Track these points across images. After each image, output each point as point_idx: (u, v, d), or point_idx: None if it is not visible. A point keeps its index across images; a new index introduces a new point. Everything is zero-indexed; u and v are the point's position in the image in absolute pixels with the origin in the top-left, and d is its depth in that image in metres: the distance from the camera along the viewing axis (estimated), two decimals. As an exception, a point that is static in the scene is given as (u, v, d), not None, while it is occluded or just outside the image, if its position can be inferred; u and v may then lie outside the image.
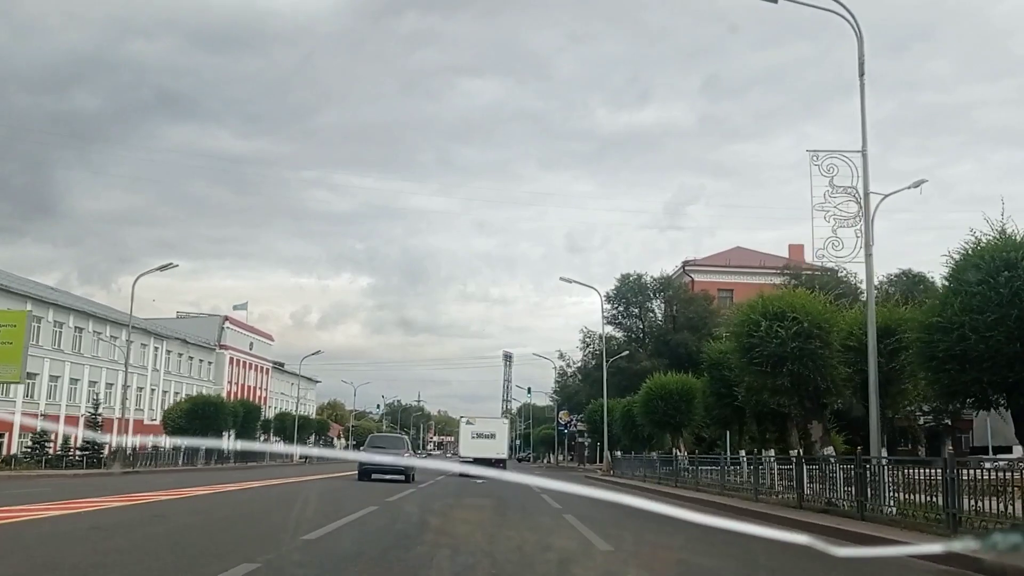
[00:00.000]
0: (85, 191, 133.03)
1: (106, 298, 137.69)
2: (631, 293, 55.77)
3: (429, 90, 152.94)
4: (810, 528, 11.27)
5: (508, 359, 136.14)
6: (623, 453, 45.40)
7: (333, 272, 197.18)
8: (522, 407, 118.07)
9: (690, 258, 65.61)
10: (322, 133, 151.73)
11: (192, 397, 48.87)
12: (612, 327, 56.56)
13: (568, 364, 66.50)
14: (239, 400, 56.82)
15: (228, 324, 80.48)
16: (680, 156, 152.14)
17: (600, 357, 58.84)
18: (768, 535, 2.48)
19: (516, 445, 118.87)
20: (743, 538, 11.14)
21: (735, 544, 9.03)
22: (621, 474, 37.25)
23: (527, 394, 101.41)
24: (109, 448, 38.49)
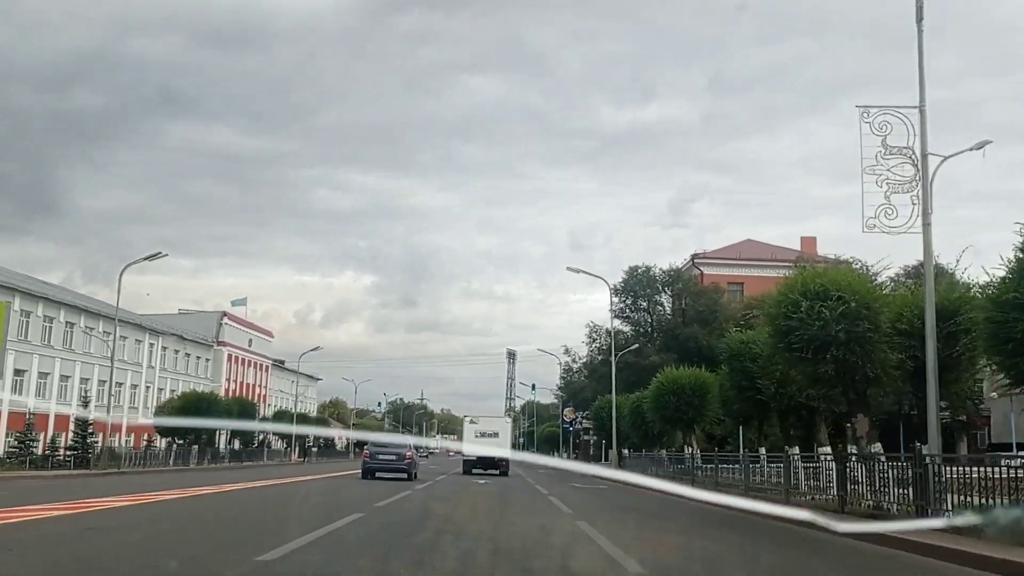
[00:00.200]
0: (87, 189, 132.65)
1: (109, 296, 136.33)
2: (639, 286, 54.01)
3: (431, 88, 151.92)
4: (928, 550, 9.17)
5: (512, 357, 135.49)
6: (631, 451, 43.72)
7: (336, 270, 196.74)
8: (526, 404, 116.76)
9: (699, 251, 63.74)
10: (324, 131, 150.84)
11: (185, 394, 47.20)
12: (620, 321, 54.85)
13: (573, 360, 64.77)
14: (234, 397, 55.14)
15: (226, 320, 78.88)
16: (683, 153, 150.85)
17: (607, 352, 57.11)
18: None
19: (520, 443, 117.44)
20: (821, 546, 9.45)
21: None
22: (630, 472, 35.50)
23: (531, 391, 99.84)
24: (98, 448, 37.16)
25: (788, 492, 15.67)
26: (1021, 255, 10.37)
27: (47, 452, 39.66)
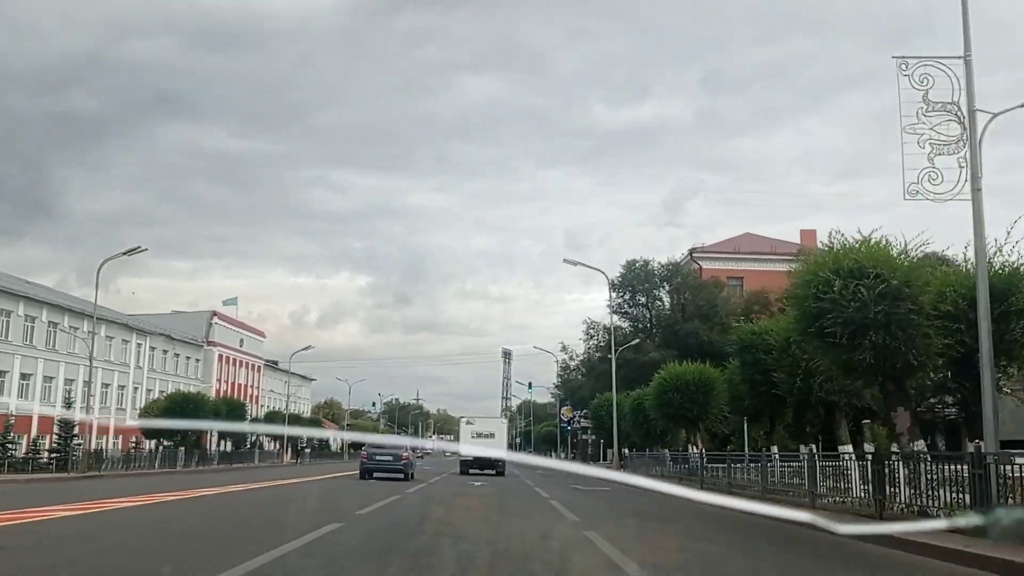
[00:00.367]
0: (84, 192, 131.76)
1: (104, 299, 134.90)
2: (637, 281, 52.69)
3: (427, 88, 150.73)
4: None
5: (507, 356, 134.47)
6: (633, 450, 42.43)
7: (332, 271, 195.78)
8: (522, 404, 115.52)
9: (697, 245, 62.41)
10: (320, 132, 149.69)
11: (171, 394, 45.71)
12: (618, 317, 53.52)
13: (571, 357, 63.38)
14: (222, 397, 53.64)
15: (217, 320, 77.30)
16: (679, 152, 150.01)
17: (605, 349, 55.77)
18: None
19: (516, 443, 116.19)
20: None
21: None
22: (632, 473, 34.14)
23: (528, 389, 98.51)
24: (81, 450, 35.80)
25: (813, 496, 14.32)
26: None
27: (28, 455, 38.38)
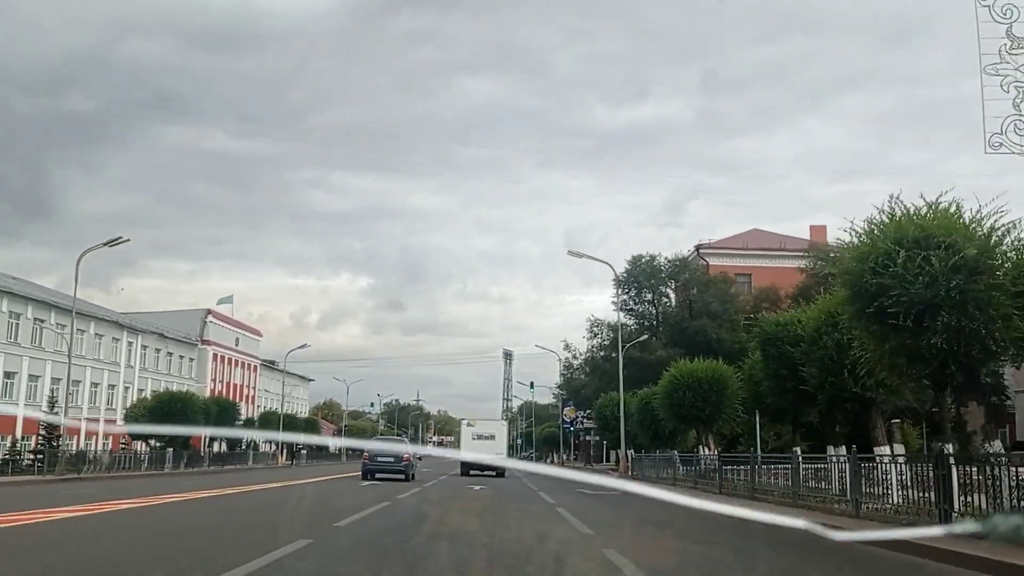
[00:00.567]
0: (83, 192, 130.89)
1: (104, 300, 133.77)
2: (643, 277, 51.00)
3: (425, 89, 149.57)
4: None
5: (508, 357, 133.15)
6: (636, 452, 40.75)
7: (332, 272, 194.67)
8: (524, 404, 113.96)
9: (704, 241, 60.69)
10: (319, 132, 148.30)
11: (159, 394, 44.05)
12: (623, 314, 51.80)
13: (574, 356, 61.65)
14: (212, 397, 51.96)
15: (211, 318, 75.65)
16: (678, 152, 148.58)
17: (609, 347, 54.11)
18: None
19: (517, 444, 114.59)
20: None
21: None
22: (642, 476, 32.47)
23: (530, 389, 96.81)
24: (60, 452, 34.29)
25: (857, 504, 12.64)
26: None
27: (7, 456, 36.90)
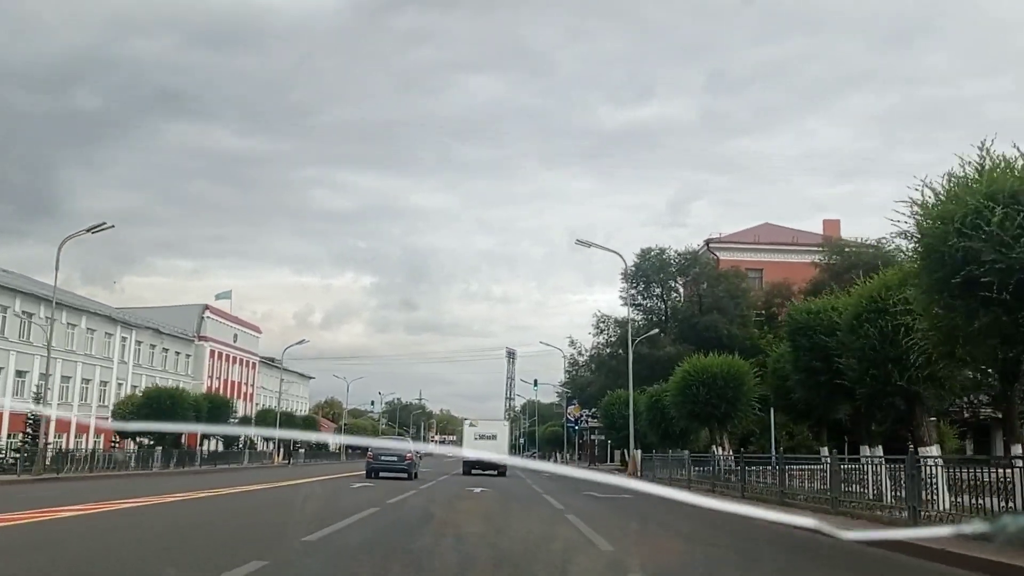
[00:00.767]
0: (86, 191, 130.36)
1: (108, 298, 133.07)
2: (652, 270, 49.23)
3: (428, 88, 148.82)
4: None
5: (511, 356, 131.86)
6: (644, 452, 39.02)
7: (336, 271, 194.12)
8: (527, 404, 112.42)
9: (713, 235, 58.90)
10: (322, 131, 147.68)
11: (147, 390, 42.42)
12: (631, 309, 50.10)
13: (579, 352, 59.89)
14: (204, 394, 50.33)
15: (209, 314, 74.06)
16: (681, 152, 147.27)
17: (616, 343, 52.35)
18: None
19: (520, 444, 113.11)
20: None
21: None
22: (652, 477, 30.76)
23: (533, 387, 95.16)
24: (39, 450, 32.67)
25: (914, 512, 10.96)
26: None
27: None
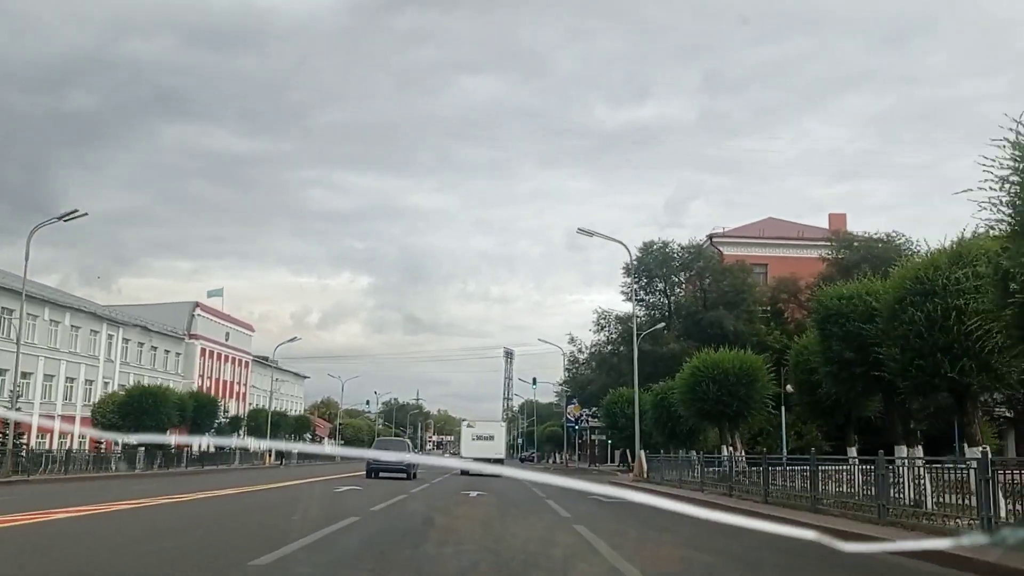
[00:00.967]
0: (83, 191, 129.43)
1: (105, 298, 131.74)
2: (655, 264, 47.62)
3: (427, 87, 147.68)
4: None
5: (509, 356, 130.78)
6: (650, 452, 37.36)
7: (333, 272, 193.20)
8: (525, 403, 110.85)
9: (717, 229, 57.30)
10: (320, 131, 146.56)
11: (130, 388, 40.71)
12: (635, 303, 48.46)
13: (579, 349, 58.26)
14: (189, 392, 48.62)
15: (200, 311, 72.33)
16: (679, 152, 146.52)
17: (618, 341, 50.70)
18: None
19: (519, 444, 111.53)
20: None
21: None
22: (660, 479, 29.08)
23: (532, 385, 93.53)
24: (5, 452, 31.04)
25: (989, 524, 9.32)
26: None
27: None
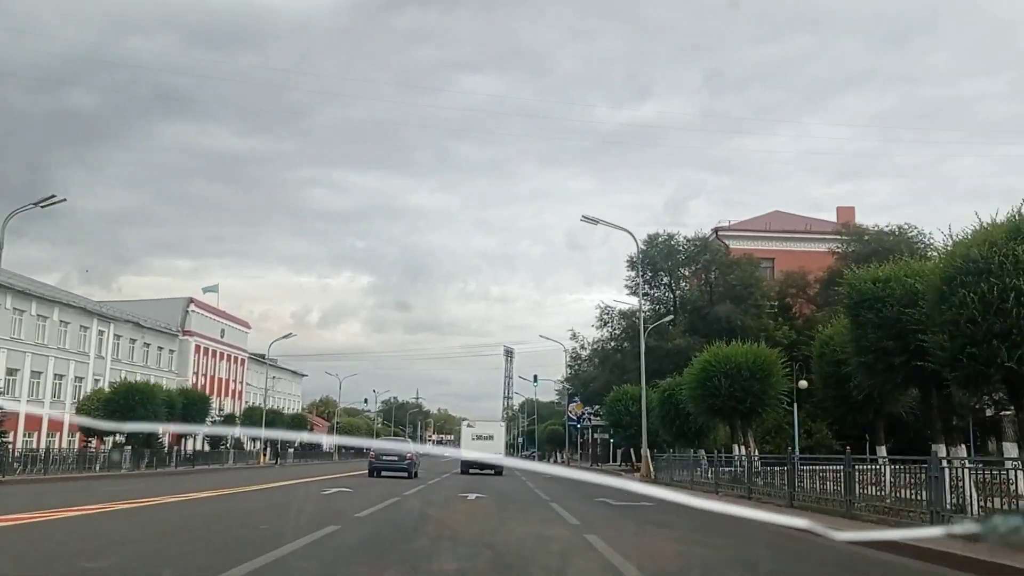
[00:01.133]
0: (84, 191, 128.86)
1: (106, 297, 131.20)
2: (660, 257, 46.24)
3: (427, 87, 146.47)
4: None
5: (509, 354, 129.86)
6: (656, 451, 36.00)
7: (333, 271, 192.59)
8: (525, 402, 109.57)
9: (723, 223, 55.89)
10: (320, 130, 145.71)
11: (116, 385, 39.35)
12: (637, 299, 47.08)
13: (582, 346, 56.89)
14: (180, 389, 47.20)
15: (194, 307, 70.89)
16: (680, 152, 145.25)
17: (621, 337, 49.32)
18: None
19: (519, 444, 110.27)
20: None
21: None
22: (669, 480, 27.68)
23: (533, 383, 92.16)
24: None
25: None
26: None
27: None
